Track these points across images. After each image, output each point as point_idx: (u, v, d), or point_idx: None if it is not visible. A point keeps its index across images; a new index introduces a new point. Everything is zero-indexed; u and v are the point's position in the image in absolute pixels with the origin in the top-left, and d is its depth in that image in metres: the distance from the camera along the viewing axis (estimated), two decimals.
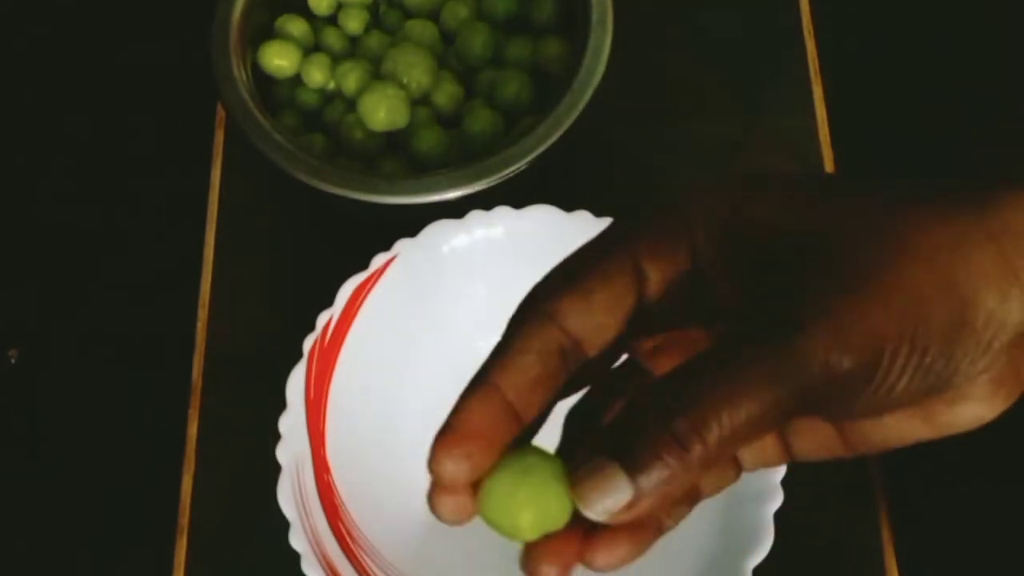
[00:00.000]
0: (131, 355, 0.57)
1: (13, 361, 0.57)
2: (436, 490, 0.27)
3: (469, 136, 0.55)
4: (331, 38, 0.58)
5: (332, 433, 0.49)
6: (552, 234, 0.52)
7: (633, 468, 0.25)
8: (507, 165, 0.51)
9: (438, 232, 0.51)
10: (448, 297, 0.52)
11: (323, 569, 0.45)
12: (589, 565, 0.27)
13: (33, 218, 0.62)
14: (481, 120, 0.55)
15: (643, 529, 0.28)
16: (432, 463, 0.27)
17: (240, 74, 0.55)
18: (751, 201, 0.28)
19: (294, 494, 0.46)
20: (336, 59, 0.58)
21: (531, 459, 0.27)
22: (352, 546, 0.47)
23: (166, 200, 0.61)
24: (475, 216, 0.51)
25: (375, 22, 0.60)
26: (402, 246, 0.51)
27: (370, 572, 0.47)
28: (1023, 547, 0.50)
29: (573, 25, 0.56)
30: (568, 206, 0.51)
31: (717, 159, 0.59)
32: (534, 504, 0.27)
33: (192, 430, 0.54)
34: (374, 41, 0.58)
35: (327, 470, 0.48)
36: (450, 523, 0.27)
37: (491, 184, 0.51)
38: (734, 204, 0.28)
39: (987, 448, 0.51)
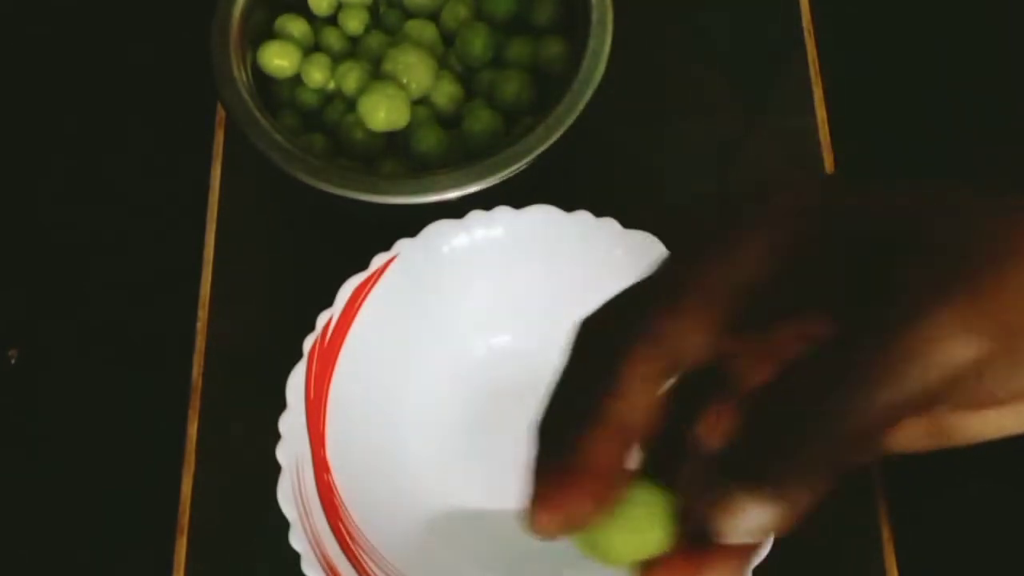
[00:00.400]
0: (131, 355, 0.57)
1: (13, 361, 0.57)
2: (537, 508, 0.26)
3: (469, 136, 0.55)
4: (331, 38, 0.58)
5: (332, 433, 0.49)
6: (552, 234, 0.52)
7: (769, 486, 0.24)
8: (507, 165, 0.51)
9: (438, 232, 0.51)
10: (448, 297, 0.52)
11: (323, 569, 0.45)
12: None
13: (33, 218, 0.62)
14: (481, 120, 0.55)
15: (750, 545, 0.27)
16: (559, 505, 0.26)
17: (240, 74, 0.55)
18: (847, 193, 0.27)
19: (294, 494, 0.46)
20: (336, 59, 0.58)
21: (632, 488, 0.26)
22: (352, 546, 0.47)
23: (166, 200, 0.61)
24: (475, 216, 0.51)
25: (375, 22, 0.60)
26: (402, 246, 0.51)
27: (370, 572, 0.47)
28: (1023, 547, 0.50)
29: (573, 25, 0.56)
30: (568, 206, 0.51)
31: (717, 159, 0.59)
32: (635, 533, 0.26)
33: (192, 430, 0.54)
34: (374, 41, 0.58)
35: (327, 470, 0.48)
36: (542, 539, 0.27)
37: (491, 184, 0.51)
38: (827, 194, 0.27)
39: (987, 448, 0.51)
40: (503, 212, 0.51)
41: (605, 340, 0.27)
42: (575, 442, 0.26)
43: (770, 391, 0.25)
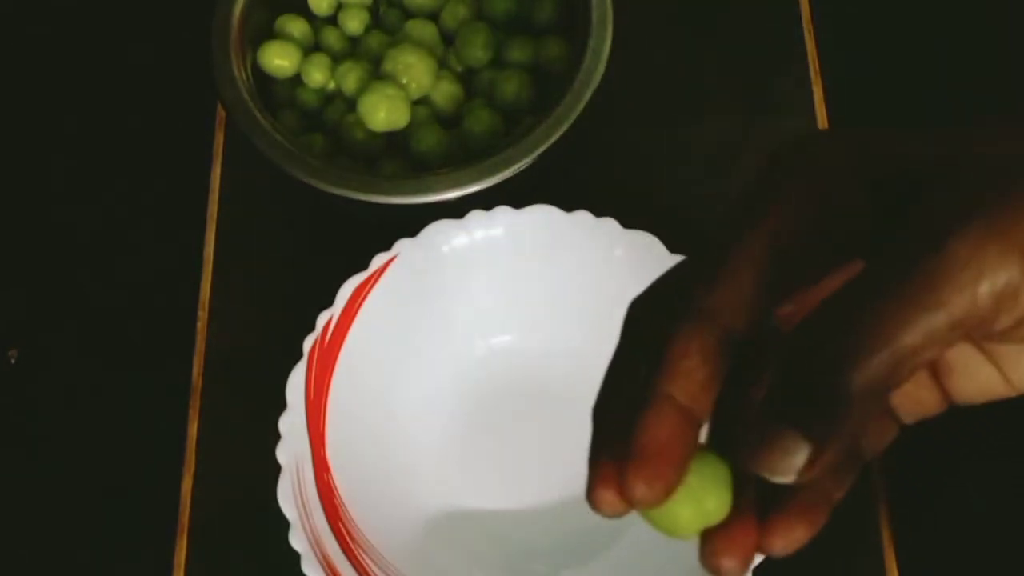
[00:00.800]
0: (131, 355, 0.57)
1: (13, 361, 0.57)
2: (597, 484, 0.26)
3: (469, 136, 0.55)
4: (331, 38, 0.58)
5: (332, 433, 0.49)
6: (552, 234, 0.52)
7: (803, 422, 0.24)
8: (507, 165, 0.51)
9: (438, 232, 0.51)
10: (448, 297, 0.52)
11: (323, 569, 0.45)
12: (766, 551, 0.27)
13: (33, 218, 0.62)
14: (481, 120, 0.55)
15: (815, 506, 0.27)
16: (627, 489, 0.26)
17: (240, 74, 0.55)
18: (879, 139, 0.27)
19: (294, 494, 0.46)
20: (336, 59, 0.58)
21: (694, 459, 0.26)
22: (352, 546, 0.47)
23: (166, 200, 0.61)
24: (475, 216, 0.51)
25: (375, 22, 0.60)
26: (402, 246, 0.51)
27: (370, 572, 0.47)
28: (1023, 548, 0.50)
29: (573, 25, 0.56)
30: (568, 206, 0.51)
31: (717, 159, 0.59)
32: (692, 502, 0.26)
33: (192, 430, 0.54)
34: (374, 41, 0.58)
35: (327, 470, 0.48)
36: (608, 516, 0.27)
37: (491, 184, 0.51)
38: (861, 142, 0.27)
39: (987, 448, 0.51)
40: (503, 212, 0.51)
41: (653, 321, 0.27)
42: (637, 426, 0.26)
43: (802, 328, 0.25)
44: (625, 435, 0.26)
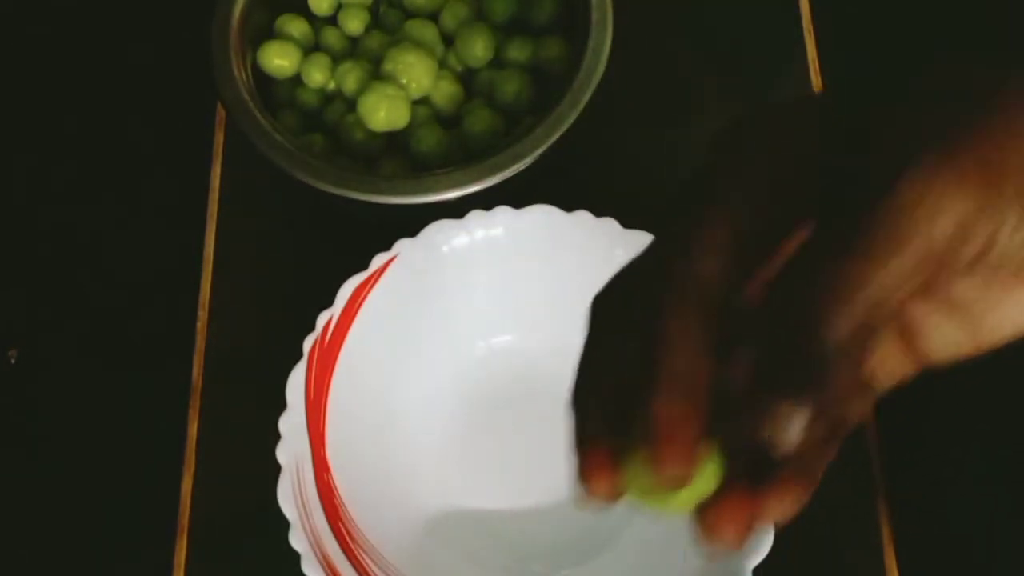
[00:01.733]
0: (131, 355, 0.57)
1: (13, 361, 0.57)
2: (591, 470, 0.26)
3: (469, 136, 0.55)
4: (331, 38, 0.58)
5: (332, 433, 0.49)
6: (552, 234, 0.52)
7: (794, 391, 0.24)
8: (507, 165, 0.51)
9: (438, 232, 0.51)
10: (448, 297, 0.52)
11: (323, 569, 0.45)
12: (761, 519, 0.27)
13: (33, 218, 0.62)
14: (481, 120, 0.55)
15: (803, 476, 0.27)
16: (662, 470, 0.26)
17: (240, 74, 0.55)
18: (832, 103, 0.27)
19: (294, 494, 0.46)
20: (336, 59, 0.58)
21: None
22: (352, 546, 0.47)
23: (166, 200, 0.61)
24: (475, 216, 0.51)
25: (375, 22, 0.60)
26: (402, 246, 0.51)
27: (370, 572, 0.47)
28: (1023, 548, 0.50)
29: (573, 25, 0.56)
30: (568, 206, 0.51)
31: None
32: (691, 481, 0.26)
33: (192, 430, 0.54)
34: (374, 41, 0.58)
35: (327, 470, 0.48)
36: (598, 501, 0.27)
37: (491, 184, 0.51)
38: (818, 107, 0.27)
39: (987, 448, 0.51)
40: (503, 212, 0.51)
41: (632, 307, 0.27)
42: (653, 409, 0.26)
43: (771, 300, 0.26)
44: (624, 421, 0.26)
